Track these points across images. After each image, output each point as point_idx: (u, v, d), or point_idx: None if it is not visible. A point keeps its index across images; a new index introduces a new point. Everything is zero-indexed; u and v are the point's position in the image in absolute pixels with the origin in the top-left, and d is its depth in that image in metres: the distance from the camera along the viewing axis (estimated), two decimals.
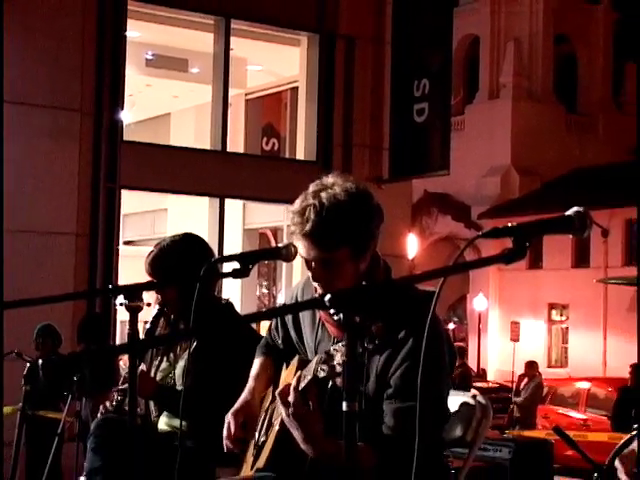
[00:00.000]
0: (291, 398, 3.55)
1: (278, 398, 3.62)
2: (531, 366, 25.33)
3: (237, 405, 4.07)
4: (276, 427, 3.87)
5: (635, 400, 16.21)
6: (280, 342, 4.15)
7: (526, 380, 24.95)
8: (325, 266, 3.66)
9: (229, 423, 4.01)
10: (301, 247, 3.66)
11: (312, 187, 3.70)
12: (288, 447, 3.77)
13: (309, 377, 3.55)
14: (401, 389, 3.58)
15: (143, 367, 5.03)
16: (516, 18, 52.79)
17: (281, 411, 3.61)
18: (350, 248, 3.65)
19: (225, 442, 4.04)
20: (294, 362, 3.95)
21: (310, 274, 3.74)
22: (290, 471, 3.78)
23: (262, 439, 4.03)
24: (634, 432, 3.07)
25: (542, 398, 24.14)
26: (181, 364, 5.06)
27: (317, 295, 3.75)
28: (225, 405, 4.25)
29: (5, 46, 13.75)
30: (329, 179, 3.72)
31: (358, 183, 3.75)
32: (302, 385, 3.59)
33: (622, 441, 3.08)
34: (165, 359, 5.16)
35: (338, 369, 3.33)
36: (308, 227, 3.59)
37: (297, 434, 3.57)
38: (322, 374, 3.44)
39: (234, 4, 15.66)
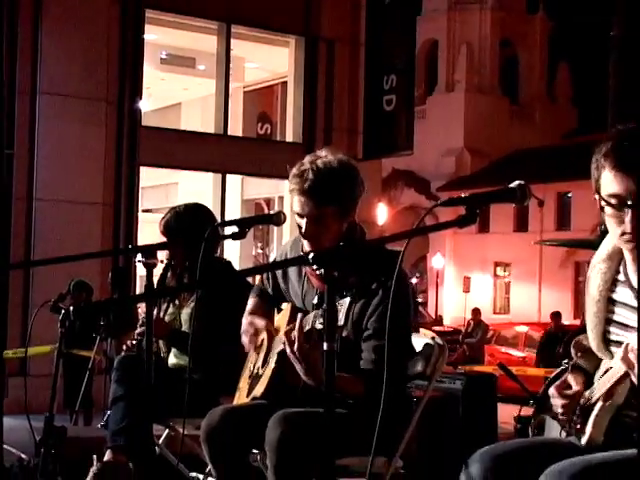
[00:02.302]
0: (295, 338, 3.53)
1: (284, 337, 3.59)
2: (475, 312, 25.45)
3: (251, 309, 4.08)
4: (272, 364, 3.85)
5: (556, 341, 16.26)
6: (270, 290, 4.14)
7: (472, 324, 25.08)
8: (315, 222, 3.64)
9: (251, 322, 4.01)
10: (297, 203, 3.65)
11: (308, 157, 3.70)
12: (282, 380, 3.78)
13: (308, 327, 3.54)
14: (377, 330, 3.57)
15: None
16: (468, 25, 52.79)
17: (287, 348, 3.58)
18: (337, 207, 3.65)
19: (247, 339, 4.02)
20: (287, 308, 3.93)
21: (300, 232, 3.72)
22: (283, 399, 3.77)
23: (256, 372, 4.02)
24: (562, 367, 3.10)
25: (487, 339, 24.28)
26: (186, 310, 5.04)
27: (303, 253, 3.75)
28: (225, 344, 4.24)
29: (44, 48, 13.75)
30: (322, 152, 3.73)
31: (348, 157, 3.77)
32: (305, 329, 3.57)
33: (553, 374, 3.10)
34: (172, 305, 5.15)
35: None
36: (306, 185, 3.59)
37: (300, 367, 3.53)
38: (319, 326, 3.42)
39: (234, 12, 15.57)
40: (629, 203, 2.69)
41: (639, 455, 2.16)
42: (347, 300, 3.20)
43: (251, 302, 4.19)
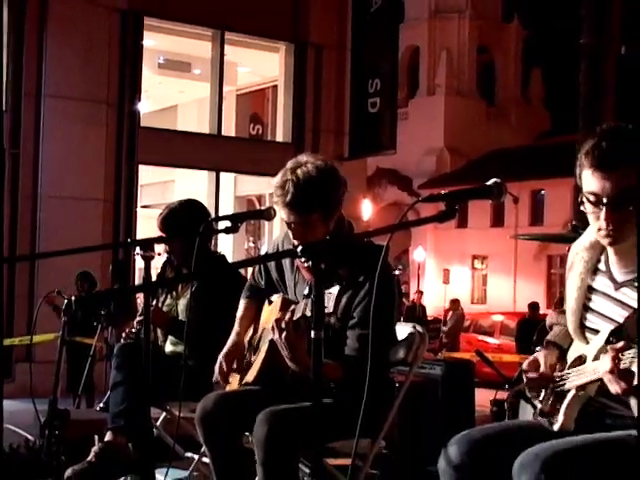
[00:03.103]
0: (285, 326, 3.52)
1: (274, 325, 3.58)
2: (454, 302, 25.39)
3: (227, 347, 4.01)
4: (262, 352, 3.85)
5: (531, 328, 16.27)
6: (263, 283, 4.12)
7: (450, 313, 25.04)
8: (302, 227, 3.62)
9: (221, 363, 3.96)
10: (282, 213, 3.62)
11: (289, 164, 3.64)
12: (272, 367, 3.77)
13: (299, 314, 3.53)
14: (362, 319, 3.56)
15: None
16: (448, 33, 52.81)
17: (275, 335, 3.57)
18: (321, 212, 3.62)
19: (218, 378, 4.00)
20: (278, 300, 3.92)
21: (290, 233, 3.71)
22: (274, 385, 3.77)
23: (248, 359, 4.01)
24: (534, 355, 3.12)
25: (465, 328, 24.25)
26: (183, 301, 5.02)
27: (293, 246, 3.74)
28: (219, 332, 4.23)
29: (48, 53, 13.73)
30: (303, 158, 3.66)
31: (326, 160, 3.70)
32: (294, 318, 3.56)
33: (527, 361, 3.11)
34: (169, 296, 5.14)
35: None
36: (288, 198, 3.55)
37: (286, 354, 3.52)
38: (309, 314, 3.42)
39: (228, 20, 15.57)
40: (604, 201, 2.69)
41: (639, 438, 2.17)
42: (335, 289, 3.19)
43: (241, 305, 4.18)
